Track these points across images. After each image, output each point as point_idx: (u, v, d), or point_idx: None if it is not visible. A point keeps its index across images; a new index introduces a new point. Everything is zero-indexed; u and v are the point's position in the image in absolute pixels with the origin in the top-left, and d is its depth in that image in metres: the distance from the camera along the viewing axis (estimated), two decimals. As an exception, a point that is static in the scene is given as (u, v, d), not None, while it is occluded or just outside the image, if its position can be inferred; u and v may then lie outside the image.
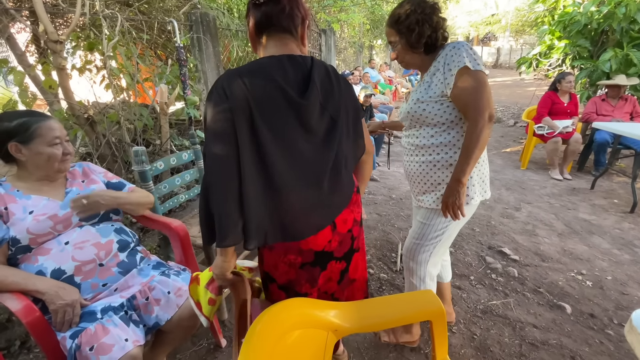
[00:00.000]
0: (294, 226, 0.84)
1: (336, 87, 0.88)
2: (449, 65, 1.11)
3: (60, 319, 0.99)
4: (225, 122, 0.74)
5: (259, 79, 0.77)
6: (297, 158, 0.81)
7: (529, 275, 2.04)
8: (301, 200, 0.83)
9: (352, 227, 0.96)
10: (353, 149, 0.97)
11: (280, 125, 0.79)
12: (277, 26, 0.85)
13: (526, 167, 4.02)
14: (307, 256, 0.89)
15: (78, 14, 1.80)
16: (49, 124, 1.11)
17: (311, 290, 0.93)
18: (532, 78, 11.87)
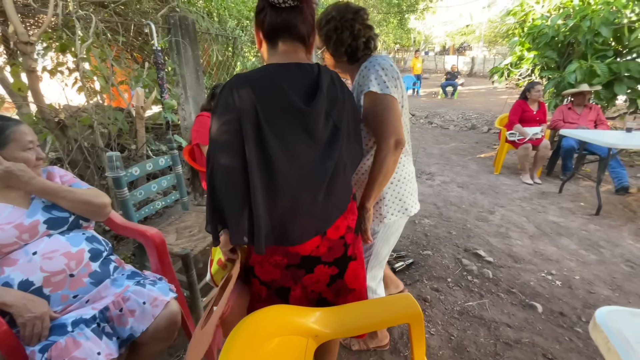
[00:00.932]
0: (289, 232, 0.84)
1: (340, 95, 0.88)
2: (361, 87, 1.07)
3: (29, 332, 0.94)
4: (233, 131, 0.76)
5: (267, 86, 0.78)
6: (299, 164, 0.82)
7: (503, 277, 2.12)
8: (298, 206, 0.83)
9: (344, 234, 0.94)
10: (353, 155, 0.97)
11: (285, 132, 0.79)
12: (293, 34, 0.84)
13: (499, 172, 4.19)
14: (293, 259, 0.89)
15: (50, 14, 1.74)
16: (22, 128, 1.08)
17: (294, 287, 0.93)
18: (504, 87, 12.40)
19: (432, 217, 2.96)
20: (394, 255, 2.28)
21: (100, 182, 2.04)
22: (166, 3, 2.73)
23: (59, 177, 1.23)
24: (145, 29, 2.32)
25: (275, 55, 0.86)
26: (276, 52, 0.86)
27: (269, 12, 0.82)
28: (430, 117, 8.01)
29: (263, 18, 0.83)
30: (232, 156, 0.76)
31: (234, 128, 0.76)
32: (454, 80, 11.45)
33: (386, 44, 16.09)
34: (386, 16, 11.91)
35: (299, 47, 0.87)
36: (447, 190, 3.60)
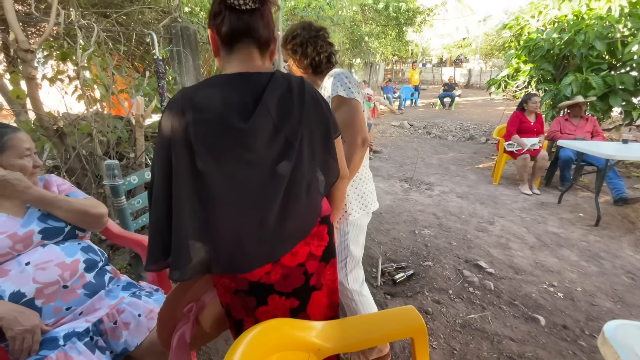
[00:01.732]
0: (236, 258, 0.77)
1: (297, 105, 0.79)
2: (327, 92, 1.20)
3: (19, 346, 0.90)
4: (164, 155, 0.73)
5: (205, 104, 0.72)
6: (242, 187, 0.75)
7: (505, 288, 2.09)
8: (244, 232, 0.76)
9: (305, 262, 0.85)
10: (323, 171, 0.88)
11: (223, 154, 0.73)
12: (254, 38, 0.79)
13: (498, 182, 4.19)
14: (241, 284, 0.81)
15: (52, 23, 1.75)
16: (20, 135, 1.06)
17: (247, 319, 0.84)
18: (502, 98, 12.56)
19: (432, 227, 2.94)
20: (394, 266, 2.26)
21: (98, 190, 2.02)
22: (168, 14, 2.76)
23: (56, 186, 1.21)
24: (147, 39, 2.33)
25: (231, 64, 0.80)
26: (232, 60, 0.80)
27: (227, 16, 0.76)
28: (428, 128, 8.07)
29: (221, 22, 0.77)
30: (162, 179, 0.73)
31: (167, 155, 0.72)
32: (452, 92, 11.60)
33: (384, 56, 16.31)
34: (384, 28, 12.10)
35: (255, 54, 0.81)
36: (446, 201, 3.59)
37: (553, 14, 5.10)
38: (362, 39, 11.14)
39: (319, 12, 6.65)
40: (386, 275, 2.19)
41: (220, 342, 1.65)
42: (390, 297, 1.99)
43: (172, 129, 0.71)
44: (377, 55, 14.99)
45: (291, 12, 6.35)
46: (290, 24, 6.40)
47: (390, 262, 2.35)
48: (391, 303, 1.94)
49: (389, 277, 2.17)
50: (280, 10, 4.87)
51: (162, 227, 0.75)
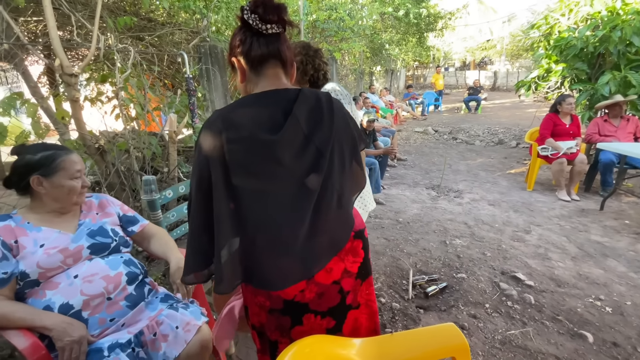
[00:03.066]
0: (269, 275, 0.78)
1: (327, 116, 0.81)
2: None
3: (67, 357, 0.95)
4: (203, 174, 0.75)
5: (237, 122, 0.75)
6: (269, 199, 0.77)
7: (546, 302, 1.97)
8: (276, 246, 0.77)
9: (340, 279, 0.84)
10: (352, 182, 0.89)
11: (251, 167, 0.76)
12: (279, 59, 0.82)
13: (532, 188, 4.00)
14: (276, 302, 0.81)
15: (93, 48, 1.87)
16: (72, 157, 1.13)
17: (282, 339, 0.84)
18: (532, 100, 12.07)
19: (463, 237, 2.84)
20: (426, 279, 2.19)
21: (135, 204, 2.11)
22: (197, 34, 2.89)
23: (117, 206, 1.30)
24: (178, 59, 2.45)
25: (260, 85, 0.83)
26: (259, 81, 0.83)
27: (254, 42, 0.80)
28: (454, 133, 7.86)
29: (249, 48, 0.80)
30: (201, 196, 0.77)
31: (205, 173, 0.75)
32: (477, 95, 11.28)
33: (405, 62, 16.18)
34: (405, 35, 12.04)
35: (281, 74, 0.84)
36: (477, 209, 3.46)
37: (585, 11, 4.87)
38: (382, 47, 11.13)
39: (340, 24, 6.73)
40: (417, 288, 2.13)
41: (252, 354, 1.66)
42: (423, 310, 1.93)
43: (209, 147, 0.74)
44: (397, 62, 14.91)
45: (312, 25, 6.46)
46: (311, 37, 6.51)
47: (421, 274, 2.28)
48: (424, 317, 1.88)
49: (420, 289, 2.11)
50: (302, 23, 4.98)
51: (200, 241, 0.79)
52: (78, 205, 1.18)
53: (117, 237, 1.20)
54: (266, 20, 0.77)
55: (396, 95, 13.82)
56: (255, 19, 0.76)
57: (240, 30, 0.81)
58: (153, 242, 1.32)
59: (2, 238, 1.02)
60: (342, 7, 6.87)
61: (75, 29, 2.29)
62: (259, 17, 0.76)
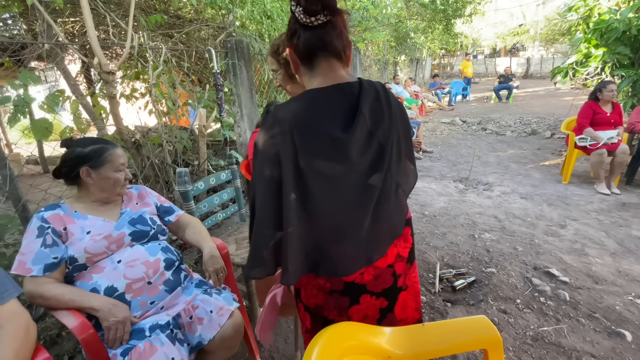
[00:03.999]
0: (336, 261, 0.81)
1: (387, 111, 0.83)
2: None
3: (113, 335, 1.02)
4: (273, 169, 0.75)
5: (305, 118, 0.77)
6: (340, 190, 0.79)
7: (582, 299, 1.89)
8: (342, 234, 0.80)
9: (393, 263, 0.89)
10: (406, 176, 0.91)
11: (325, 163, 0.77)
12: (329, 50, 0.80)
13: (568, 181, 3.80)
14: (336, 284, 0.85)
15: (128, 47, 1.96)
16: (117, 151, 1.20)
17: (339, 318, 0.88)
18: (569, 88, 11.37)
19: (493, 231, 2.75)
20: (453, 272, 2.15)
21: (168, 195, 2.21)
22: (223, 30, 2.94)
23: (154, 197, 1.37)
24: (206, 54, 2.51)
25: (314, 79, 0.83)
26: (314, 74, 0.83)
27: (301, 35, 0.79)
28: (483, 123, 7.57)
29: (297, 40, 0.80)
30: (269, 192, 0.76)
31: (274, 168, 0.75)
32: (509, 83, 10.74)
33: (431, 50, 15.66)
34: (431, 23, 11.63)
35: (336, 64, 0.83)
36: (508, 202, 3.34)
37: (629, -9, 4.50)
38: (407, 36, 10.83)
39: (363, 13, 6.61)
40: (444, 282, 2.10)
41: (279, 341, 1.71)
42: (450, 304, 1.91)
43: (275, 144, 0.75)
44: (423, 51, 14.47)
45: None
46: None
47: (449, 268, 2.24)
48: (452, 311, 1.85)
49: (447, 283, 2.08)
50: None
51: (267, 234, 0.78)
52: (120, 196, 1.26)
53: (155, 225, 1.27)
54: (310, 11, 0.75)
55: (421, 85, 13.46)
56: (301, 12, 0.75)
57: (292, 22, 0.81)
58: (188, 231, 1.38)
59: (53, 225, 1.10)
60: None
61: (110, 29, 2.40)
62: (303, 10, 0.75)
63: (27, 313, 0.94)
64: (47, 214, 1.11)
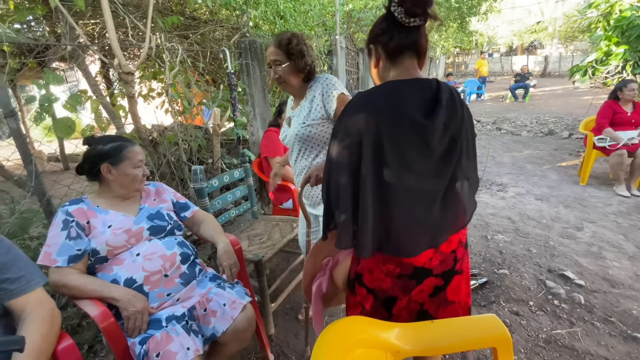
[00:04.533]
0: (402, 242, 0.86)
1: (459, 108, 0.88)
2: (328, 93, 1.33)
3: (132, 325, 1.07)
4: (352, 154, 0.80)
5: (388, 104, 0.81)
6: (415, 176, 0.84)
7: (598, 303, 1.85)
8: (412, 218, 0.85)
9: (456, 248, 0.95)
10: (472, 171, 0.95)
11: (404, 146, 0.81)
12: (415, 50, 0.87)
13: (586, 182, 3.70)
14: (406, 269, 0.90)
15: (146, 48, 2.02)
16: (136, 148, 1.25)
17: (402, 297, 0.93)
18: (588, 87, 11.03)
19: (506, 232, 2.72)
20: (464, 272, 2.14)
21: (183, 192, 2.27)
22: (237, 30, 2.99)
23: (170, 193, 1.42)
24: (220, 55, 2.56)
25: (394, 72, 0.89)
26: (396, 69, 0.89)
27: (395, 34, 0.84)
28: (498, 123, 7.43)
29: (388, 39, 0.86)
30: (347, 175, 0.82)
31: (355, 151, 0.80)
32: (525, 82, 10.51)
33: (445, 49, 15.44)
34: (445, 21, 11.47)
35: (416, 63, 0.89)
36: (522, 203, 3.28)
37: (654, -14, 4.35)
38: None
39: (376, 12, 6.58)
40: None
41: (290, 336, 1.74)
42: (460, 304, 1.90)
43: (360, 128, 0.80)
44: (437, 49, 14.28)
45: (348, 15, 6.39)
46: (346, 27, 6.44)
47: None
48: (462, 310, 1.85)
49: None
50: (338, 14, 4.95)
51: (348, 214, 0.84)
52: (139, 192, 1.31)
53: (172, 221, 1.31)
54: (412, 13, 0.80)
55: (435, 84, 13.23)
56: (401, 12, 0.80)
57: (384, 20, 0.86)
58: (203, 226, 1.42)
59: (77, 219, 1.16)
60: (379, -5, 6.70)
61: (129, 30, 2.48)
62: (404, 11, 0.80)
63: (52, 301, 0.99)
64: (72, 208, 1.17)
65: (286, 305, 1.98)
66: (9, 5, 2.60)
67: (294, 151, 1.46)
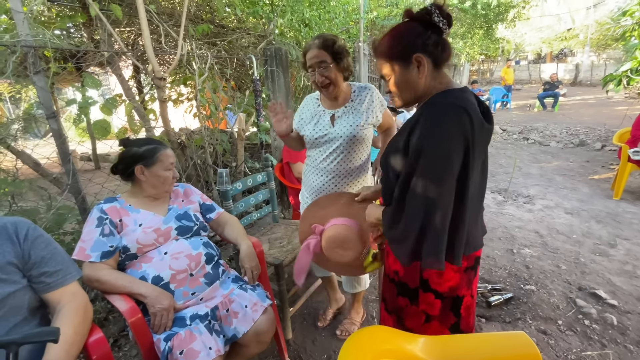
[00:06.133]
0: (475, 238, 0.95)
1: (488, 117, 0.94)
2: (382, 104, 1.49)
3: (158, 321, 1.10)
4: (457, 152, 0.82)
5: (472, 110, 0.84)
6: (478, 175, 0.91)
7: (632, 325, 1.74)
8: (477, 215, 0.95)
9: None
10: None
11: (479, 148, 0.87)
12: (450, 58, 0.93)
13: (620, 197, 3.51)
14: (471, 260, 0.98)
15: (179, 55, 2.11)
16: (168, 152, 1.30)
17: (466, 293, 0.99)
18: (622, 97, 10.51)
19: (534, 246, 2.61)
20: (489, 287, 2.07)
21: (208, 194, 2.33)
22: (264, 38, 3.07)
23: (197, 195, 1.47)
24: (247, 61, 2.63)
25: (440, 80, 0.93)
26: (441, 77, 0.93)
27: (445, 44, 0.90)
28: (525, 133, 7.19)
29: (442, 50, 0.90)
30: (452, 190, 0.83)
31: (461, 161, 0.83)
32: (555, 90, 10.13)
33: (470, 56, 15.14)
34: (470, 28, 11.26)
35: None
36: (551, 217, 3.15)
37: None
38: (445, 42, 10.56)
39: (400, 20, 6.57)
40: (479, 296, 2.02)
41: (307, 342, 1.74)
42: (484, 320, 1.83)
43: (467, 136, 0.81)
44: (461, 56, 14.03)
45: (372, 23, 6.40)
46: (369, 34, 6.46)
47: (484, 282, 2.16)
48: (485, 327, 1.78)
49: (482, 298, 2.00)
50: (362, 21, 4.97)
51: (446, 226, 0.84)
52: (168, 193, 1.36)
53: (198, 221, 1.35)
54: (450, 24, 0.88)
55: (458, 92, 12.96)
56: (445, 23, 0.87)
57: (428, 31, 0.88)
58: (227, 228, 1.45)
59: (110, 217, 1.21)
60: (403, 3, 6.70)
61: (163, 38, 2.59)
62: (446, 22, 0.87)
63: (85, 294, 1.04)
64: (106, 206, 1.23)
65: (304, 310, 1.98)
66: (52, 13, 2.78)
67: (327, 150, 1.46)
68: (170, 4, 3.14)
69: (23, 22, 1.51)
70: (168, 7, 3.08)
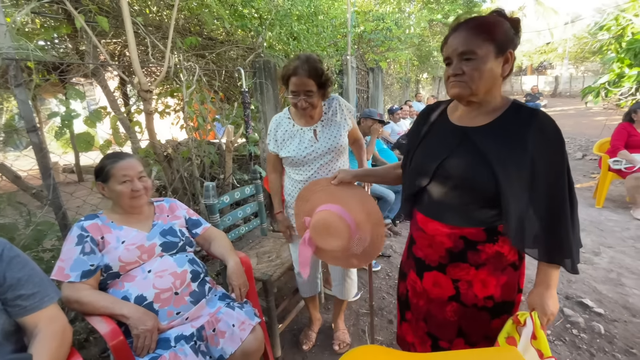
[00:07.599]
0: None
1: None
2: (350, 110, 1.53)
3: (141, 344, 1.05)
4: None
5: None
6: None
7: (619, 333, 1.77)
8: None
9: None
10: None
11: None
12: None
13: (602, 205, 3.61)
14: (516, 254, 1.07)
15: (166, 67, 2.09)
16: (120, 164, 1.20)
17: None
18: (601, 107, 10.94)
19: (519, 255, 2.64)
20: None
21: (194, 207, 2.29)
22: (252, 50, 3.08)
23: (183, 210, 1.42)
24: (235, 74, 2.63)
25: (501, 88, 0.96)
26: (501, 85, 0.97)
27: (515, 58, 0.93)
28: (508, 143, 7.35)
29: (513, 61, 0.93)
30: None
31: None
32: (536, 102, 10.48)
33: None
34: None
35: None
36: (535, 225, 3.20)
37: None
38: (430, 54, 10.85)
39: (386, 33, 6.71)
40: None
41: (297, 359, 1.69)
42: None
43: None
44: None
45: (359, 36, 6.52)
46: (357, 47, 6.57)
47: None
48: (476, 337, 1.78)
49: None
50: (349, 35, 5.06)
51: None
52: (137, 208, 1.26)
53: (184, 237, 1.32)
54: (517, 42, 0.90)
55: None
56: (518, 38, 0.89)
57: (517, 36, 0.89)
58: (214, 244, 1.42)
59: (91, 234, 1.17)
60: (389, 17, 6.86)
61: (150, 50, 2.57)
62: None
63: (64, 317, 0.99)
64: (87, 223, 1.18)
65: (294, 326, 1.94)
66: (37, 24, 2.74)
67: (316, 165, 1.45)
68: (158, 17, 3.13)
69: (5, 34, 1.47)
70: (156, 19, 3.07)
